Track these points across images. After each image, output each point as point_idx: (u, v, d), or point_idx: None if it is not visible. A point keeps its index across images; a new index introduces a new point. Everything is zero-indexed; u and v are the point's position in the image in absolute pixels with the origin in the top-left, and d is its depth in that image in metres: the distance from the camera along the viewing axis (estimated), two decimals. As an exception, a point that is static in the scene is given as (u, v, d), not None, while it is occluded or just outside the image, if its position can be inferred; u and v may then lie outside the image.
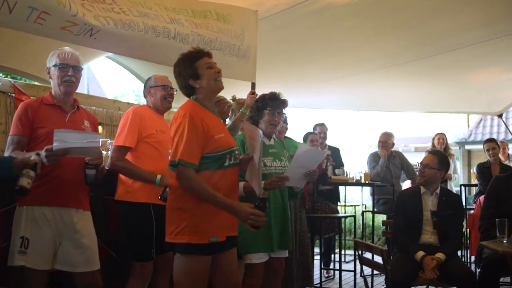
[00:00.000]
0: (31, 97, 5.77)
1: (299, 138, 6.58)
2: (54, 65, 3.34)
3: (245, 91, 4.38)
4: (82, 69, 3.44)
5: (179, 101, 3.77)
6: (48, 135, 3.15)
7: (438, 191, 4.56)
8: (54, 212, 3.20)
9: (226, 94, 4.62)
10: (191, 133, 2.92)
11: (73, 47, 3.58)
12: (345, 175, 7.07)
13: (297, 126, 12.41)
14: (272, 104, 3.89)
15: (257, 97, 4.07)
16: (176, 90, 3.79)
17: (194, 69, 3.10)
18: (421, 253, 4.25)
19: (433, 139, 8.32)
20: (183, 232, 2.95)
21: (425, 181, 4.54)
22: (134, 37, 3.85)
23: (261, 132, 3.39)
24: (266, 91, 4.62)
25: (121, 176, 3.76)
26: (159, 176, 3.60)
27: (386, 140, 7.69)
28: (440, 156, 4.62)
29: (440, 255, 4.21)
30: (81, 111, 3.52)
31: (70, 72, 3.33)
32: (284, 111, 3.97)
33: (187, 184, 2.92)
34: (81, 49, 5.34)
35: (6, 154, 3.20)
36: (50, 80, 3.41)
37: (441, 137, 8.23)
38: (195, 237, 2.94)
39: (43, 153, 2.94)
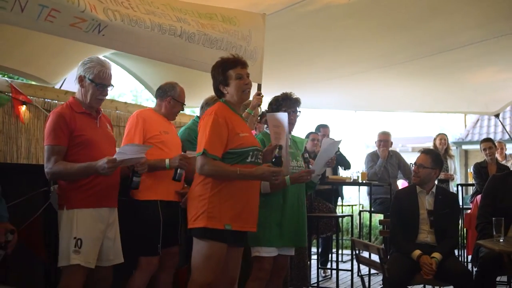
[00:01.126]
0: (29, 97, 5.79)
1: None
2: (91, 81, 3.39)
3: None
4: (113, 86, 3.55)
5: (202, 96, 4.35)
6: (88, 142, 3.35)
7: (434, 190, 4.57)
8: (101, 212, 3.40)
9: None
10: (214, 129, 3.22)
11: (74, 45, 3.59)
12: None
13: (295, 126, 12.39)
14: (286, 104, 4.04)
15: (270, 100, 4.18)
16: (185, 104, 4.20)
17: (225, 76, 3.37)
18: (417, 252, 4.25)
19: (435, 139, 8.31)
20: (201, 217, 3.22)
21: (421, 181, 4.55)
22: (140, 34, 3.88)
23: (285, 114, 3.70)
24: (263, 91, 4.65)
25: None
26: (167, 160, 3.83)
27: (386, 139, 7.70)
28: (433, 155, 4.63)
29: (436, 255, 4.21)
30: (102, 115, 3.64)
31: (105, 92, 3.48)
32: (299, 110, 4.13)
33: (209, 168, 3.21)
34: (79, 49, 5.36)
35: (50, 165, 3.26)
36: (80, 87, 3.45)
37: (443, 137, 8.23)
38: (211, 222, 3.20)
39: (104, 165, 3.16)
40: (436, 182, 4.70)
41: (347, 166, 7.45)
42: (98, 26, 3.57)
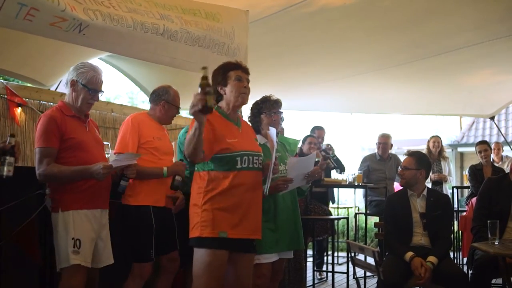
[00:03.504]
0: (24, 99, 5.79)
1: (294, 140, 6.60)
2: (84, 85, 3.43)
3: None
4: (103, 92, 3.58)
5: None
6: (78, 145, 3.38)
7: (425, 192, 4.58)
8: (95, 213, 3.45)
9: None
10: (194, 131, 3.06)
11: (69, 47, 3.58)
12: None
13: (291, 129, 12.44)
14: (266, 106, 4.00)
15: (251, 106, 4.14)
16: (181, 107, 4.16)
17: (224, 77, 3.34)
18: (410, 254, 4.25)
19: (428, 142, 8.32)
20: (197, 226, 3.19)
21: (406, 182, 4.58)
22: (122, 33, 3.82)
23: (273, 130, 3.65)
24: (260, 93, 4.64)
25: None
26: (165, 168, 3.87)
27: (385, 141, 7.72)
28: (417, 156, 4.63)
29: (432, 259, 4.21)
30: (90, 119, 3.67)
31: (96, 97, 3.51)
32: (281, 110, 4.07)
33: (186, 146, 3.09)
34: (74, 51, 5.35)
35: (42, 167, 3.28)
36: (72, 91, 3.47)
37: (436, 140, 8.24)
38: (205, 231, 3.16)
39: (99, 170, 3.24)
40: (429, 184, 4.70)
41: (342, 169, 7.46)
42: (79, 25, 3.52)
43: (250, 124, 4.00)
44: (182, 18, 4.28)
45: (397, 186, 8.00)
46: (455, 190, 7.85)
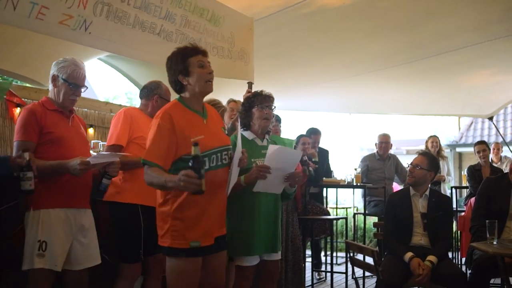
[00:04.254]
0: (23, 99, 5.78)
1: (292, 141, 6.60)
2: (65, 80, 3.36)
3: (239, 91, 4.43)
4: (87, 87, 3.49)
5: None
6: (58, 140, 3.28)
7: (427, 192, 4.58)
8: (68, 213, 3.30)
9: (221, 94, 4.66)
10: (157, 135, 2.94)
11: (68, 47, 3.59)
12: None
13: (289, 129, 12.45)
14: (258, 100, 3.82)
15: (242, 101, 4.05)
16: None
17: (185, 65, 3.06)
18: (409, 254, 4.26)
19: (426, 142, 8.33)
20: (166, 235, 3.00)
21: (415, 181, 4.56)
22: (123, 31, 3.86)
23: (238, 127, 3.52)
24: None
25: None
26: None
27: (386, 141, 7.74)
28: (430, 157, 4.65)
29: (432, 258, 4.22)
30: (75, 115, 3.58)
31: (78, 93, 3.42)
32: (274, 105, 3.87)
33: (146, 177, 2.94)
34: (74, 51, 5.35)
35: None
36: (53, 86, 3.41)
37: (434, 140, 8.25)
38: (176, 241, 2.97)
39: (76, 166, 3.11)
40: (429, 185, 4.71)
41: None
42: (84, 22, 3.56)
43: (240, 119, 3.86)
44: (186, 18, 4.33)
45: (395, 186, 8.02)
46: (453, 190, 7.87)
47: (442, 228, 4.47)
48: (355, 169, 7.21)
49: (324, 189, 7.19)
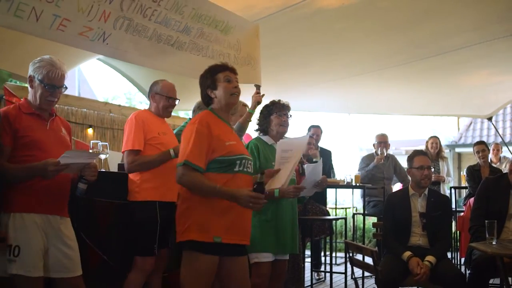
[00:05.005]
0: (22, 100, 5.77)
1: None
2: (40, 81, 3.22)
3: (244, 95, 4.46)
4: (66, 87, 3.35)
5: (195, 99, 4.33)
6: (34, 144, 3.14)
7: (426, 192, 4.60)
8: (45, 219, 3.15)
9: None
10: (197, 139, 3.08)
11: (68, 47, 3.64)
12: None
13: (289, 129, 12.42)
14: (276, 108, 4.16)
15: (261, 109, 4.31)
16: (179, 100, 4.14)
17: (213, 80, 3.30)
18: (407, 254, 4.27)
19: (427, 142, 8.33)
20: (189, 229, 3.08)
21: (430, 183, 4.68)
22: (139, 42, 4.06)
23: (305, 138, 3.97)
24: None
25: (130, 177, 3.93)
26: (171, 150, 3.85)
27: (385, 141, 7.74)
28: (428, 155, 4.71)
29: (430, 258, 4.23)
30: (57, 118, 3.45)
31: (55, 94, 3.26)
32: (290, 114, 4.24)
33: (187, 180, 3.07)
34: (72, 50, 5.35)
35: None
36: (30, 87, 3.28)
37: (435, 141, 8.25)
38: (200, 235, 3.06)
39: (45, 167, 2.98)
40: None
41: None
42: (103, 34, 3.74)
43: (258, 126, 4.23)
44: (202, 30, 4.56)
45: (395, 187, 8.03)
46: (453, 190, 7.87)
47: (441, 228, 4.47)
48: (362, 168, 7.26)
49: (331, 190, 7.21)
